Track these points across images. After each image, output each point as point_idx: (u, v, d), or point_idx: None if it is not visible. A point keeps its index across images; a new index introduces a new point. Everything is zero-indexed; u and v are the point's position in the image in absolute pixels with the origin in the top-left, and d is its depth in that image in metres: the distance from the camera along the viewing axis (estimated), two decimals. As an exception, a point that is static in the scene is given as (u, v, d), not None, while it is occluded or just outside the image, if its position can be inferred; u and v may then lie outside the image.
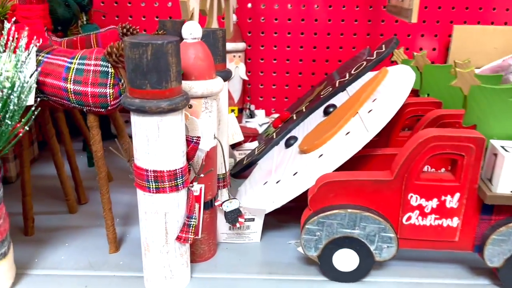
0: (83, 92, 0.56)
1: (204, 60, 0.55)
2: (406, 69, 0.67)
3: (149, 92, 0.46)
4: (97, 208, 0.77)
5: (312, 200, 0.56)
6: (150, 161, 0.49)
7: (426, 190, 0.54)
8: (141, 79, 0.46)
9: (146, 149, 0.48)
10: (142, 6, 1.12)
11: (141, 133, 0.48)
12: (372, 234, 0.55)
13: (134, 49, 0.45)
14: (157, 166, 0.49)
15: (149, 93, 0.46)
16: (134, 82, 0.46)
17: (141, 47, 0.45)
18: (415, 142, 0.53)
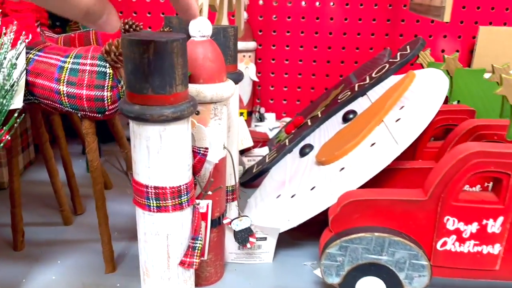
0: (77, 95, 0.50)
1: (214, 61, 0.48)
2: (437, 73, 0.60)
3: (151, 98, 0.40)
4: (95, 219, 0.70)
5: (334, 220, 0.50)
6: (151, 176, 0.42)
7: (466, 212, 0.47)
8: (142, 83, 0.39)
9: (147, 163, 0.42)
10: (147, 2, 1.05)
11: (141, 144, 0.42)
12: (401, 261, 0.49)
13: (134, 48, 0.39)
14: (159, 181, 0.43)
15: (151, 99, 0.40)
16: (134, 85, 0.40)
17: (142, 45, 0.38)
18: (454, 158, 0.46)
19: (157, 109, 0.40)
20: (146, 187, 0.43)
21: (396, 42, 1.06)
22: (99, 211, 0.56)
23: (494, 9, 1.02)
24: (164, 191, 0.43)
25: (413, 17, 1.04)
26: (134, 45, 0.39)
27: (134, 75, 0.39)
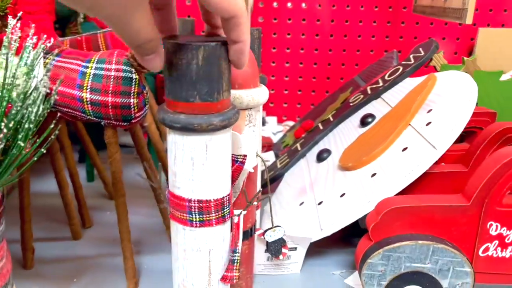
0: (102, 103, 0.47)
1: (249, 65, 0.46)
2: (463, 76, 0.59)
3: (198, 106, 0.37)
4: (104, 232, 0.67)
5: (375, 229, 0.48)
6: (194, 189, 0.40)
7: (509, 217, 0.47)
8: (189, 90, 0.36)
9: (190, 175, 0.39)
10: (143, 4, 1.02)
11: (185, 156, 0.39)
12: (445, 268, 0.47)
13: (181, 53, 0.36)
14: (203, 194, 0.40)
15: (198, 107, 0.37)
16: (179, 93, 0.37)
17: (191, 50, 0.36)
18: (498, 162, 0.45)
19: (204, 117, 0.37)
20: (189, 201, 0.40)
21: (396, 44, 1.06)
22: (122, 225, 0.52)
23: (492, 11, 1.03)
24: (208, 204, 0.40)
25: (412, 19, 1.04)
26: (182, 50, 0.36)
27: (180, 83, 0.37)
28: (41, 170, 0.85)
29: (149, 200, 0.75)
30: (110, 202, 0.77)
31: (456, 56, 1.07)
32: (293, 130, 0.90)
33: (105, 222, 0.70)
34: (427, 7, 0.79)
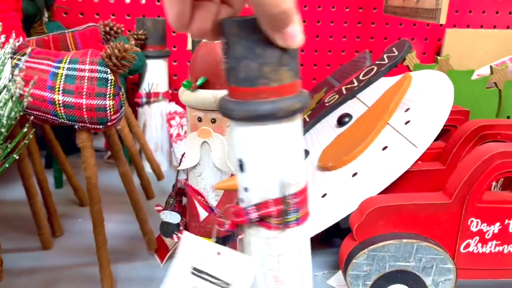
0: (76, 105, 0.44)
1: None
2: (438, 75, 0.60)
3: (285, 87, 0.30)
4: (76, 240, 0.64)
5: (359, 229, 0.48)
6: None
7: (489, 213, 0.47)
8: (276, 72, 0.30)
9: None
10: (111, 3, 0.99)
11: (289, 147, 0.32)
12: (428, 266, 0.48)
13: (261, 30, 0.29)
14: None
15: (284, 88, 0.30)
16: (264, 76, 0.29)
17: None
18: (478, 159, 0.46)
19: (290, 99, 0.30)
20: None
21: (367, 44, 1.07)
22: (98, 233, 0.50)
23: (458, 12, 1.06)
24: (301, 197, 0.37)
25: (382, 19, 1.05)
26: (250, 28, 0.28)
27: (248, 65, 0.29)
28: (6, 177, 0.80)
29: (124, 205, 0.73)
30: (81, 209, 0.74)
31: (425, 56, 1.10)
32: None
33: (76, 230, 0.67)
34: (398, 7, 0.80)
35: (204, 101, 0.44)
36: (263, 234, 0.34)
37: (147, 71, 0.86)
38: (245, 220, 0.33)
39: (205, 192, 0.47)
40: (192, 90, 0.45)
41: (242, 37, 0.29)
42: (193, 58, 0.46)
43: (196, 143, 0.46)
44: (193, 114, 0.46)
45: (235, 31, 0.29)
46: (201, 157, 0.47)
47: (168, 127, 0.89)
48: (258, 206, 0.33)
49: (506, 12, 1.07)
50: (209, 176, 0.47)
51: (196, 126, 0.46)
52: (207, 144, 0.46)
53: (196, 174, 0.47)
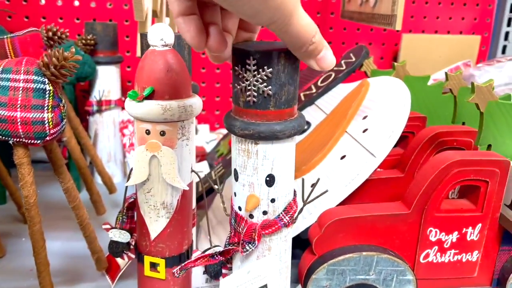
0: (9, 119, 0.40)
1: (180, 74, 0.42)
2: (395, 81, 0.60)
3: (291, 110, 0.37)
4: (19, 262, 0.59)
5: (318, 242, 0.46)
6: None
7: (447, 222, 0.47)
8: (294, 97, 0.36)
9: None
10: (59, 6, 0.94)
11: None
12: (389, 278, 0.47)
13: (293, 60, 0.34)
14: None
15: (287, 112, 0.36)
16: (289, 101, 0.36)
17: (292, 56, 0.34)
18: (436, 168, 0.45)
19: (297, 121, 0.36)
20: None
21: (325, 49, 1.06)
22: (38, 256, 0.46)
23: (413, 18, 1.08)
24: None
25: (340, 24, 1.05)
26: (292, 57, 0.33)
27: (288, 90, 0.35)
28: None
29: (72, 221, 0.68)
30: (25, 226, 0.69)
31: (382, 61, 1.10)
32: (227, 139, 0.87)
33: (19, 250, 0.62)
34: (355, 12, 0.80)
35: (152, 112, 0.41)
36: (284, 233, 0.40)
37: (97, 78, 0.82)
38: (279, 227, 0.39)
39: (155, 209, 0.44)
40: (138, 100, 0.41)
41: (286, 66, 0.34)
42: (139, 66, 0.42)
43: (144, 158, 0.43)
44: (141, 127, 0.42)
45: (282, 61, 0.33)
46: (150, 172, 0.43)
47: (121, 136, 0.85)
48: (286, 210, 0.39)
49: (459, 18, 1.09)
50: (158, 192, 0.44)
51: (144, 139, 0.42)
52: (156, 158, 0.43)
53: (145, 190, 0.44)
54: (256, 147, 0.37)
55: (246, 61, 0.34)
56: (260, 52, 0.33)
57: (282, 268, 0.42)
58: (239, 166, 0.39)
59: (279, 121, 0.36)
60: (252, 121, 0.36)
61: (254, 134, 0.36)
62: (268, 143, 0.37)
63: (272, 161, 0.38)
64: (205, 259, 0.41)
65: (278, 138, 0.36)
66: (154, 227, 0.45)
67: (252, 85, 0.35)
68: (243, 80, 0.35)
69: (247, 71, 0.34)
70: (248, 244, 0.40)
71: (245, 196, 0.39)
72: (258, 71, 0.34)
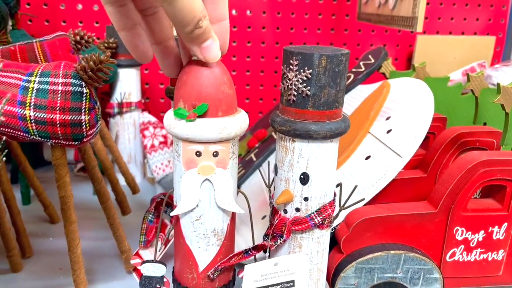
0: (48, 121, 0.42)
1: (231, 87, 0.38)
2: (417, 83, 0.60)
3: (338, 111, 0.39)
4: (47, 261, 0.61)
5: (346, 241, 0.47)
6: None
7: (473, 222, 0.48)
8: (340, 98, 0.38)
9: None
10: (79, 10, 0.95)
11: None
12: (416, 276, 0.47)
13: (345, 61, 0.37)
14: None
15: (326, 114, 0.38)
16: (333, 102, 0.38)
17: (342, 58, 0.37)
18: (462, 168, 0.46)
19: (336, 124, 0.38)
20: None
21: (340, 51, 1.07)
22: (73, 254, 0.47)
23: (427, 19, 1.08)
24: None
25: (355, 26, 1.06)
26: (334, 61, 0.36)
27: (328, 92, 0.37)
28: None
29: (98, 221, 0.70)
30: (51, 226, 0.70)
31: (397, 62, 1.11)
32: (245, 140, 0.88)
33: (47, 250, 0.64)
34: (373, 14, 0.80)
35: (207, 132, 0.37)
36: (316, 234, 0.42)
37: (119, 81, 0.83)
38: (309, 226, 0.40)
39: (204, 238, 0.41)
40: (189, 120, 0.36)
41: (327, 69, 0.36)
42: (182, 80, 0.37)
43: (195, 182, 0.38)
44: (189, 148, 0.38)
45: (324, 63, 0.36)
46: (201, 197, 0.39)
47: (142, 138, 0.86)
48: (319, 211, 0.41)
49: (473, 19, 1.10)
50: (210, 219, 0.40)
51: (194, 162, 0.38)
52: (209, 182, 0.39)
53: (193, 218, 0.40)
54: (293, 144, 0.38)
55: (290, 61, 0.36)
56: (303, 54, 0.35)
57: (313, 270, 0.43)
58: (278, 161, 0.40)
59: (316, 122, 0.37)
60: (291, 119, 0.37)
61: (290, 131, 0.37)
62: (304, 141, 0.38)
63: (307, 159, 0.39)
64: (239, 256, 0.42)
65: (313, 137, 0.37)
66: (203, 258, 0.42)
67: (293, 84, 0.36)
68: (286, 79, 0.36)
69: (290, 71, 0.36)
70: (278, 237, 0.41)
71: (281, 190, 0.40)
72: (299, 72, 0.35)
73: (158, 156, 0.83)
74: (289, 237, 0.42)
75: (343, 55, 0.37)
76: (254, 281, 0.41)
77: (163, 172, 0.82)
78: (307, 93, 0.37)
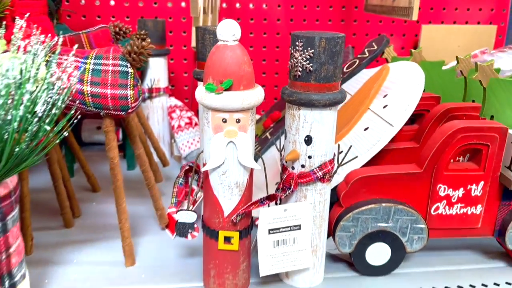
0: (101, 95, 0.52)
1: (250, 66, 0.47)
2: (412, 66, 0.69)
3: (328, 86, 0.48)
4: (93, 220, 0.71)
5: (345, 196, 0.56)
6: None
7: (454, 180, 0.56)
8: (338, 73, 0.48)
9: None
10: (112, 6, 1.06)
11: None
12: (404, 226, 0.56)
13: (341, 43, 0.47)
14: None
15: (326, 86, 0.48)
16: (332, 77, 0.47)
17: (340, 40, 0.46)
18: (444, 134, 0.55)
19: (334, 94, 0.48)
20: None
21: (350, 40, 1.15)
22: (120, 207, 0.57)
23: (433, 9, 1.15)
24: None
25: (364, 17, 1.14)
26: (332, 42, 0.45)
27: (327, 68, 0.46)
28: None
29: (131, 191, 0.80)
30: (93, 194, 0.81)
31: (403, 50, 1.19)
32: (261, 122, 0.97)
33: (92, 212, 0.74)
34: (377, 6, 0.89)
35: (231, 103, 0.45)
36: (318, 187, 0.52)
37: (149, 68, 0.93)
38: (312, 179, 0.50)
39: (229, 189, 0.50)
40: (218, 93, 0.45)
41: (326, 49, 0.45)
42: (212, 60, 0.46)
43: (222, 144, 0.47)
44: (217, 116, 0.47)
45: (323, 44, 0.45)
46: (226, 156, 0.48)
47: (169, 119, 0.96)
48: (320, 167, 0.50)
49: (476, 9, 1.17)
50: (233, 173, 0.49)
51: (221, 127, 0.47)
52: (233, 144, 0.48)
53: (220, 173, 0.49)
54: (299, 112, 0.48)
55: (296, 43, 0.45)
56: (306, 37, 0.44)
57: (316, 217, 0.53)
58: (287, 126, 0.50)
59: (318, 93, 0.46)
60: (297, 91, 0.47)
61: (296, 100, 0.46)
62: (308, 109, 0.47)
63: (310, 124, 0.48)
64: (256, 204, 0.52)
65: (315, 106, 0.47)
66: (228, 205, 0.50)
67: (298, 62, 0.45)
68: (293, 58, 0.46)
69: (296, 51, 0.45)
70: (286, 189, 0.50)
71: (290, 150, 0.50)
72: (303, 51, 0.45)
73: (184, 135, 0.93)
74: (296, 189, 0.51)
75: (339, 38, 0.46)
76: (268, 223, 0.51)
77: (189, 149, 0.92)
78: (310, 69, 0.46)
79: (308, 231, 0.53)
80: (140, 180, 0.70)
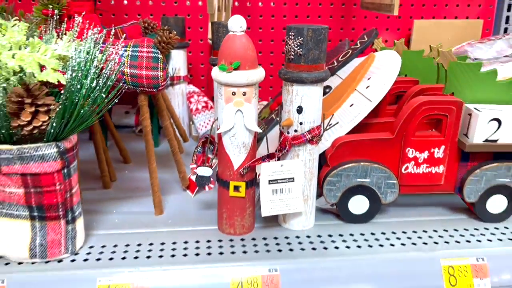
0: (138, 75, 0.66)
1: (254, 51, 0.61)
2: (392, 53, 0.82)
3: (322, 66, 0.62)
4: (128, 184, 0.86)
5: (331, 158, 0.70)
6: None
7: (420, 144, 0.69)
8: (321, 56, 0.61)
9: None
10: (137, 5, 1.20)
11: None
12: (379, 181, 0.70)
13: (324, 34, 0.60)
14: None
15: (313, 67, 0.61)
16: (317, 59, 0.61)
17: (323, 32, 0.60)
18: (411, 106, 0.68)
19: (319, 73, 0.61)
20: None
21: (349, 34, 1.28)
22: (151, 166, 0.72)
23: (424, 6, 1.28)
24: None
25: (362, 13, 1.27)
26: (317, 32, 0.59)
27: (314, 53, 0.60)
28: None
29: (158, 164, 0.94)
30: (125, 165, 0.96)
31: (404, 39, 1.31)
32: (268, 106, 1.11)
33: (125, 178, 0.89)
34: (369, 3, 1.02)
35: (238, 79, 0.59)
36: (308, 147, 0.65)
37: (170, 58, 1.08)
38: (302, 140, 0.64)
39: (237, 148, 0.64)
40: (229, 71, 0.59)
41: (312, 37, 0.59)
42: (225, 46, 0.60)
43: (232, 112, 0.61)
44: (228, 90, 0.60)
45: (310, 34, 0.58)
46: (235, 121, 0.62)
47: (188, 103, 1.11)
48: (309, 131, 0.64)
49: (465, 4, 1.28)
50: (240, 135, 0.63)
51: (231, 99, 0.60)
52: (240, 112, 0.61)
53: (230, 135, 0.63)
54: (292, 87, 0.62)
55: (289, 33, 0.59)
56: (297, 28, 0.58)
57: (306, 172, 0.67)
58: (284, 100, 0.63)
59: (307, 72, 0.60)
60: (291, 71, 0.60)
61: (289, 78, 0.60)
62: (299, 85, 0.61)
63: (301, 97, 0.62)
64: (259, 161, 0.66)
65: (304, 82, 0.60)
66: (237, 160, 0.64)
67: (291, 48, 0.59)
68: (287, 45, 0.59)
69: (290, 39, 0.59)
70: (283, 149, 0.64)
71: (285, 118, 0.64)
72: (295, 39, 0.58)
73: (201, 117, 1.07)
74: (290, 149, 0.65)
75: (323, 29, 0.60)
76: (268, 175, 0.65)
77: (205, 129, 1.06)
78: (300, 53, 0.60)
79: (300, 183, 0.66)
80: (163, 155, 0.84)
